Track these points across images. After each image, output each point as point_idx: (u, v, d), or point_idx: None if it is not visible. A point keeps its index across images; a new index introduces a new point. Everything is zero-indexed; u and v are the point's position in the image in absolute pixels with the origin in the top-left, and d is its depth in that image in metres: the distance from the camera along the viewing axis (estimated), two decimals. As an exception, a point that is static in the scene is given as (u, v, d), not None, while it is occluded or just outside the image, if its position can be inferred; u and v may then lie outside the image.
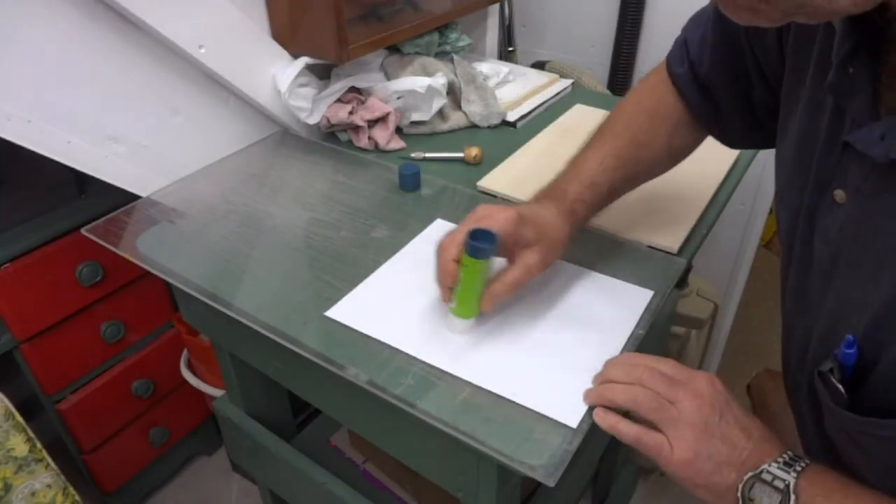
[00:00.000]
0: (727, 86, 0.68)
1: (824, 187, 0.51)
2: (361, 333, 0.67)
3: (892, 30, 0.44)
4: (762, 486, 0.49)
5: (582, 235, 0.82)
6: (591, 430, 0.57)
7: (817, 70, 0.52)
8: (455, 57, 1.17)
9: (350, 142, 1.07)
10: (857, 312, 0.48)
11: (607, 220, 0.84)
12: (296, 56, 1.02)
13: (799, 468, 0.49)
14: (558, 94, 1.24)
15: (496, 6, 1.40)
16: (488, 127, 1.13)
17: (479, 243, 0.60)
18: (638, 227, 0.82)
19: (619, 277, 0.75)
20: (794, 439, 1.11)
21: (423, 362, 0.63)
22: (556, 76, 1.28)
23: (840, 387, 0.48)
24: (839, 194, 0.49)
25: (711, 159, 0.96)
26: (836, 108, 0.50)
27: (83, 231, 0.86)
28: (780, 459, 0.51)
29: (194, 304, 0.89)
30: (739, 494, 0.50)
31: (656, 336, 1.13)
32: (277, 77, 1.00)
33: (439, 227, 0.84)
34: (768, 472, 0.50)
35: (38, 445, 0.87)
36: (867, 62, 0.45)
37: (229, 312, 0.72)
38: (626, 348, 0.65)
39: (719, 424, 0.53)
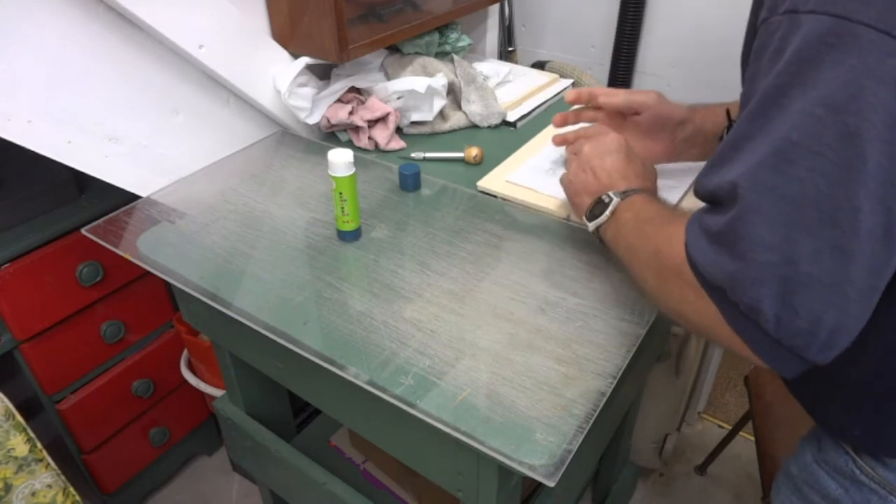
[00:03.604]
0: None
1: None
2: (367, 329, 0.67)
3: None
4: (600, 205, 0.70)
5: (584, 235, 0.83)
6: (591, 430, 0.57)
7: None
8: (455, 57, 1.17)
9: (350, 142, 1.07)
10: None
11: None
12: (296, 56, 1.02)
13: (627, 195, 0.68)
14: (558, 94, 1.23)
15: (496, 6, 1.40)
16: (488, 127, 1.13)
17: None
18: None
19: (619, 277, 0.75)
20: (791, 427, 1.12)
21: (429, 356, 0.63)
22: (556, 76, 1.28)
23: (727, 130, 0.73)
24: None
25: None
26: None
27: (83, 231, 0.86)
28: (622, 191, 0.69)
29: (194, 304, 0.89)
30: (587, 211, 0.72)
31: (656, 336, 1.13)
32: (277, 77, 1.00)
33: None
34: (607, 195, 0.69)
35: (39, 445, 0.87)
36: None
37: (229, 312, 0.72)
38: (626, 347, 0.65)
39: (595, 165, 0.74)
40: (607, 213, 0.68)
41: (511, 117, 1.13)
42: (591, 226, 0.71)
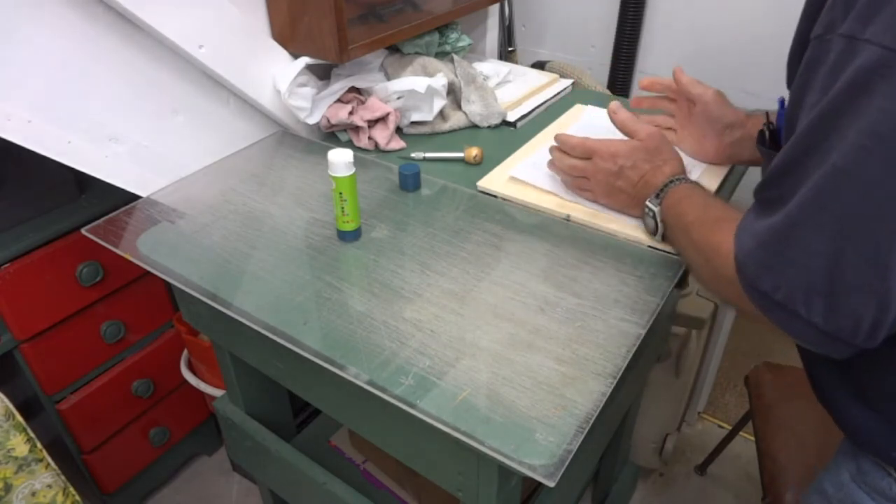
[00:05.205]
0: None
1: None
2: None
3: None
4: (648, 217, 0.77)
5: (584, 235, 0.83)
6: (591, 430, 0.57)
7: None
8: (455, 57, 1.17)
9: (350, 142, 1.07)
10: None
11: (608, 220, 0.84)
12: (296, 56, 1.02)
13: (663, 196, 0.75)
14: (558, 94, 1.24)
15: (496, 6, 1.40)
16: (488, 127, 1.13)
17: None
18: (639, 227, 0.82)
19: (619, 277, 0.75)
20: (791, 428, 1.12)
21: (429, 356, 0.63)
22: (556, 76, 1.28)
23: (766, 131, 0.71)
24: None
25: (711, 159, 0.96)
26: None
27: (83, 231, 0.86)
28: (657, 195, 0.76)
29: (194, 304, 0.89)
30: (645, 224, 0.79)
31: (656, 336, 1.13)
32: (277, 77, 1.00)
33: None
34: (647, 207, 0.77)
35: (39, 445, 0.87)
36: None
37: (229, 312, 0.72)
38: (626, 347, 0.65)
39: (616, 185, 0.81)
40: (659, 225, 0.76)
41: (511, 117, 1.13)
42: (659, 236, 0.78)
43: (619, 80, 1.40)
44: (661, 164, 0.78)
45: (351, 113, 1.03)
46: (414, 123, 1.10)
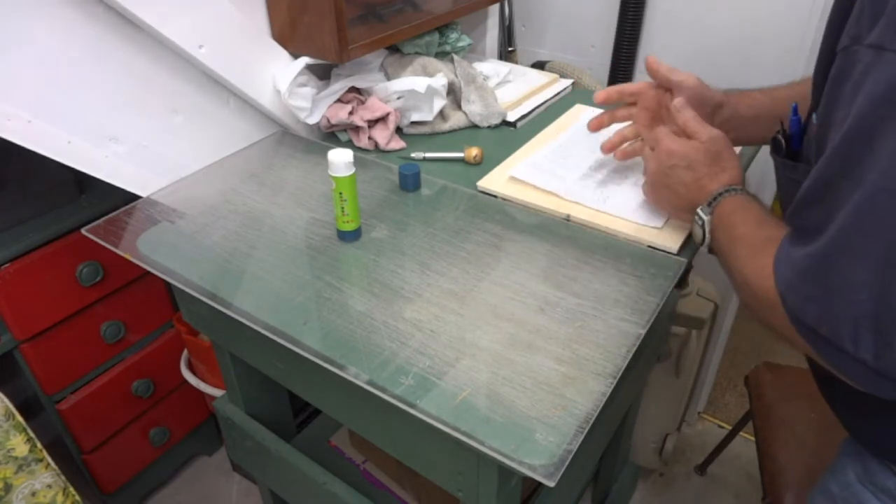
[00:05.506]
0: None
1: None
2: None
3: None
4: (697, 225, 0.73)
5: (584, 235, 0.83)
6: (591, 430, 0.57)
7: None
8: (455, 57, 1.17)
9: (350, 142, 1.07)
10: None
11: (609, 220, 0.84)
12: (296, 56, 1.02)
13: (715, 205, 0.70)
14: (558, 94, 1.24)
15: (496, 6, 1.40)
16: (488, 127, 1.13)
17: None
18: (638, 226, 0.82)
19: (619, 277, 0.75)
20: (791, 428, 1.12)
21: (429, 356, 0.63)
22: (556, 76, 1.28)
23: (781, 139, 0.66)
24: None
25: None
26: None
27: (83, 231, 0.86)
28: (709, 203, 0.71)
29: (194, 304, 0.89)
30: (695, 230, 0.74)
31: (656, 336, 1.13)
32: (277, 77, 1.00)
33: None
34: (698, 215, 0.72)
35: (38, 445, 0.87)
36: None
37: (229, 312, 0.72)
38: (626, 347, 0.65)
39: (667, 182, 0.77)
40: (707, 236, 0.71)
41: (511, 117, 1.13)
42: (705, 247, 0.74)
43: (620, 80, 1.40)
44: (719, 171, 0.73)
45: (351, 113, 1.03)
46: (414, 123, 1.10)
